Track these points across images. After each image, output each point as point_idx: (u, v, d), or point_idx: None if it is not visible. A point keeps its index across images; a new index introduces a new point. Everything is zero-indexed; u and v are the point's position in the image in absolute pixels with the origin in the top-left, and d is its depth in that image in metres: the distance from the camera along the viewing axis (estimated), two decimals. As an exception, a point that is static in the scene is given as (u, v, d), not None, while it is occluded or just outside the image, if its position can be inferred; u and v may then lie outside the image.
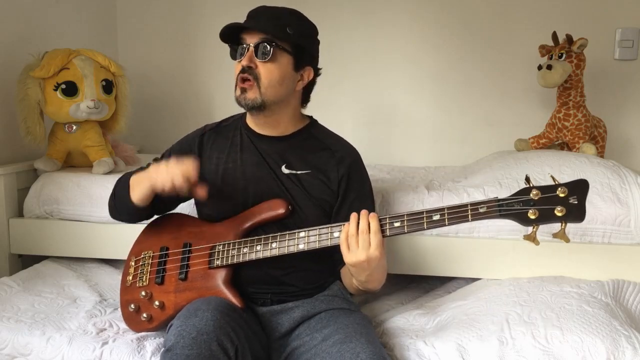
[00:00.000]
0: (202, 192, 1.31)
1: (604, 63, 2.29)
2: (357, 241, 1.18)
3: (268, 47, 1.31)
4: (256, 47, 1.32)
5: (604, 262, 1.54)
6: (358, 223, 1.19)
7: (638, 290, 1.49)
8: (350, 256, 1.19)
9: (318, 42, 1.43)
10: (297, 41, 1.35)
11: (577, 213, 1.09)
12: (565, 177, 1.65)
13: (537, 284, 1.50)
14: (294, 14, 1.38)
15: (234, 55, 1.37)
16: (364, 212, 1.21)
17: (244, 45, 1.34)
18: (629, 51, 2.28)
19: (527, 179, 1.13)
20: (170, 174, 1.27)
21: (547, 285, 1.48)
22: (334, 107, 2.48)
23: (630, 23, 2.27)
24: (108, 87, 1.93)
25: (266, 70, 1.33)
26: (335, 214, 1.38)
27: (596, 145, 2.04)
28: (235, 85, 1.35)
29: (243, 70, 1.32)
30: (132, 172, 1.44)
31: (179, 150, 1.47)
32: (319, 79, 1.45)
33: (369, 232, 1.18)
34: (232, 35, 1.36)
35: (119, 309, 1.45)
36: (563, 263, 1.56)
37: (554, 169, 1.68)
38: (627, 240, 1.55)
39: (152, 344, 1.33)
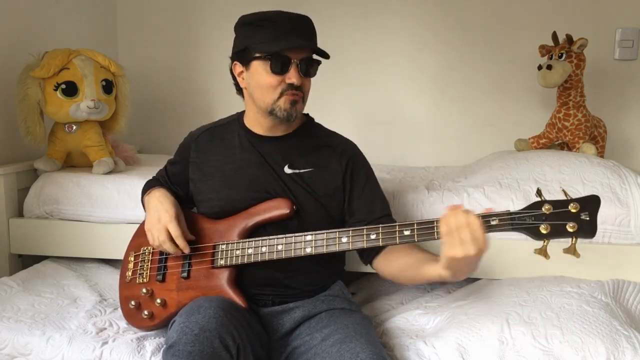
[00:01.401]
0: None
1: (604, 63, 2.29)
2: (468, 233, 1.04)
3: (315, 64, 1.33)
4: (302, 63, 1.30)
5: (604, 262, 1.54)
6: (455, 217, 1.06)
7: (638, 290, 1.49)
8: (458, 250, 1.04)
9: None
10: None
11: (588, 229, 1.07)
12: (565, 177, 1.65)
13: (537, 284, 1.50)
14: (311, 22, 1.36)
15: (274, 69, 1.29)
16: (457, 206, 1.09)
17: (287, 60, 1.29)
18: (629, 51, 2.28)
19: (539, 192, 1.11)
20: (157, 245, 1.35)
21: (547, 285, 1.48)
22: (334, 107, 2.48)
23: (630, 23, 2.26)
24: (108, 87, 1.92)
25: (308, 85, 1.36)
26: (348, 205, 1.38)
27: (596, 145, 2.04)
28: (278, 97, 1.31)
29: (294, 88, 1.30)
30: (152, 182, 1.53)
31: (180, 160, 1.50)
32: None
33: (471, 227, 1.05)
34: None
35: (119, 308, 1.44)
36: (563, 263, 1.55)
37: (554, 169, 1.68)
38: (627, 240, 1.55)
39: (152, 343, 1.33)
